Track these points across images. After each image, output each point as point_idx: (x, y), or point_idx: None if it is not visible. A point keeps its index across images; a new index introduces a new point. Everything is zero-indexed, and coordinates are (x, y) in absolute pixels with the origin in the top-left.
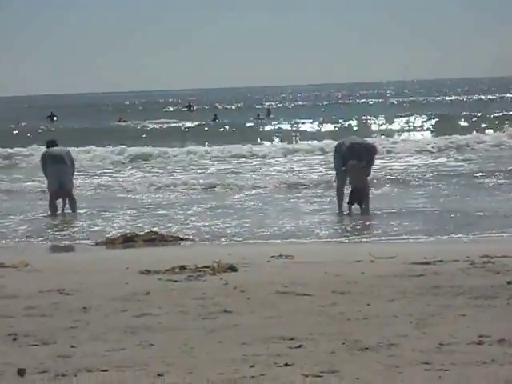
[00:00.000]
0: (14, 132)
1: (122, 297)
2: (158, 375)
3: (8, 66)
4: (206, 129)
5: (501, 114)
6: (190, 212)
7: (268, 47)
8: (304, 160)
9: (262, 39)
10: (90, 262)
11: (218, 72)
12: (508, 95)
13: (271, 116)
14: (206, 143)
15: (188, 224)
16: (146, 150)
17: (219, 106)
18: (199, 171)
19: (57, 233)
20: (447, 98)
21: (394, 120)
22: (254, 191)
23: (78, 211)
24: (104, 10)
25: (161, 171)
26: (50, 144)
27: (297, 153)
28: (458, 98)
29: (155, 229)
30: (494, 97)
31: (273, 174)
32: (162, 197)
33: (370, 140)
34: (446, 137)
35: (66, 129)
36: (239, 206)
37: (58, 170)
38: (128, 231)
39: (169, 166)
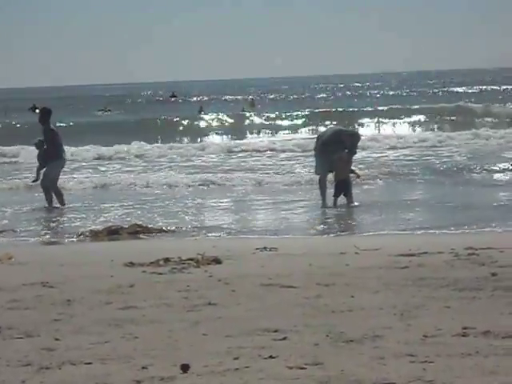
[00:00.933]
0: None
1: (107, 289)
2: (143, 368)
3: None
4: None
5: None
6: (175, 206)
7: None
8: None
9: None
10: (75, 254)
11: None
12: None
13: (255, 108)
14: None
15: (173, 217)
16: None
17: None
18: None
19: (41, 226)
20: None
21: None
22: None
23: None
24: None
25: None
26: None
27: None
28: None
29: (140, 222)
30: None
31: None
32: (147, 191)
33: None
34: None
35: None
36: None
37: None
38: (112, 224)
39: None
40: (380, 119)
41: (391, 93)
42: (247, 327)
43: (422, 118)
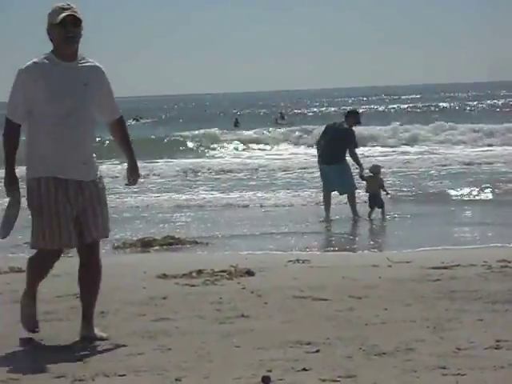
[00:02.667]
0: None
1: (140, 301)
2: (176, 380)
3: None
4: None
5: None
6: (208, 217)
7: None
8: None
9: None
10: (108, 266)
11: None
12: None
13: (285, 121)
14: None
15: (205, 229)
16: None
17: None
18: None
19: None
20: None
21: None
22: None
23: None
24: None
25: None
26: None
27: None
28: None
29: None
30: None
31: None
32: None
33: None
34: None
35: None
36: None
37: None
38: (145, 236)
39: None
40: None
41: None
42: (280, 339)
43: None
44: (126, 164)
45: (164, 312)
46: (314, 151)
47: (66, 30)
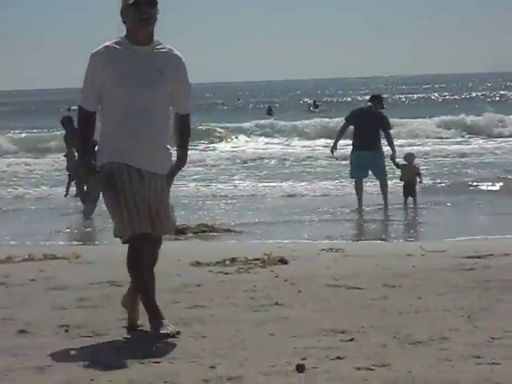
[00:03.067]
0: None
1: (174, 288)
2: (210, 367)
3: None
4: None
5: None
6: (241, 205)
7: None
8: None
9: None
10: None
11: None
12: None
13: (318, 110)
14: None
15: (238, 217)
16: None
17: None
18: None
19: (107, 224)
20: None
21: None
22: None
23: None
24: None
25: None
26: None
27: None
28: None
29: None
30: None
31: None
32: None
33: None
34: None
35: None
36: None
37: None
38: (179, 223)
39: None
40: None
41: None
42: (314, 328)
43: None
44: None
45: (198, 299)
46: (342, 142)
47: (139, 11)
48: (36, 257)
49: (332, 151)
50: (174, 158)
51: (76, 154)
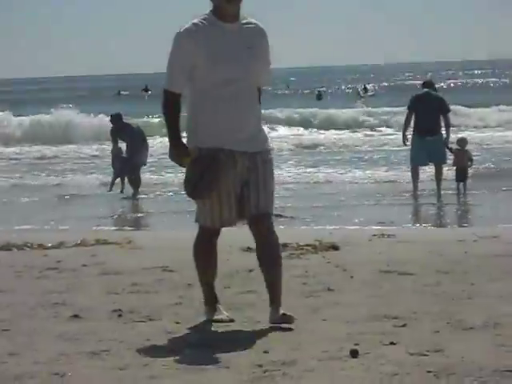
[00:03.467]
0: None
1: (225, 274)
2: (264, 352)
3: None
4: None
5: None
6: (293, 191)
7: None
8: None
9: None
10: (192, 239)
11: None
12: None
13: (368, 94)
14: None
15: (289, 203)
16: None
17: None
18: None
19: (155, 210)
20: None
21: None
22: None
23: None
24: None
25: None
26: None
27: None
28: None
29: None
30: None
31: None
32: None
33: None
34: None
35: None
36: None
37: None
38: None
39: None
40: None
41: None
42: (366, 313)
43: None
44: None
45: (250, 285)
46: (389, 130)
47: None
48: (88, 242)
49: (404, 142)
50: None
51: (124, 151)
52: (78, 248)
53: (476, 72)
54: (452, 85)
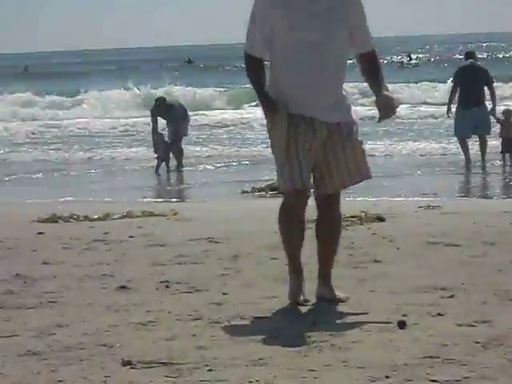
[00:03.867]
0: None
1: (272, 245)
2: (312, 322)
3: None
4: None
5: None
6: None
7: None
8: None
9: None
10: (238, 211)
11: None
12: None
13: (412, 63)
14: None
15: None
16: None
17: None
18: None
19: (201, 182)
20: None
21: None
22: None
23: None
24: None
25: None
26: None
27: None
28: None
29: None
30: None
31: None
32: None
33: None
34: None
35: None
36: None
37: None
38: (274, 181)
39: None
40: None
41: None
42: (414, 285)
43: None
44: None
45: None
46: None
47: None
48: (134, 214)
49: (448, 114)
50: (354, 108)
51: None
52: (124, 220)
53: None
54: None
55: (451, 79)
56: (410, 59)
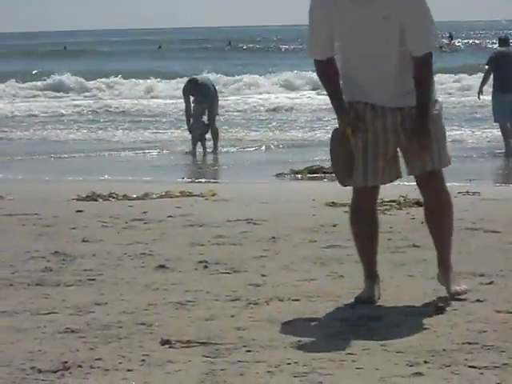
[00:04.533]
0: None
1: (310, 228)
2: (351, 307)
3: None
4: None
5: None
6: None
7: None
8: None
9: None
10: (276, 193)
11: None
12: None
13: (451, 45)
14: None
15: None
16: None
17: None
18: None
19: (239, 163)
20: None
21: None
22: None
23: None
24: None
25: None
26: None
27: None
28: None
29: None
30: None
31: None
32: None
33: None
34: None
35: None
36: None
37: None
38: (313, 164)
39: None
40: None
41: None
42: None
43: None
44: None
45: (334, 239)
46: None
47: None
48: (173, 193)
49: (479, 97)
50: None
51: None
52: (162, 199)
53: None
54: None
55: (485, 63)
56: (452, 38)
